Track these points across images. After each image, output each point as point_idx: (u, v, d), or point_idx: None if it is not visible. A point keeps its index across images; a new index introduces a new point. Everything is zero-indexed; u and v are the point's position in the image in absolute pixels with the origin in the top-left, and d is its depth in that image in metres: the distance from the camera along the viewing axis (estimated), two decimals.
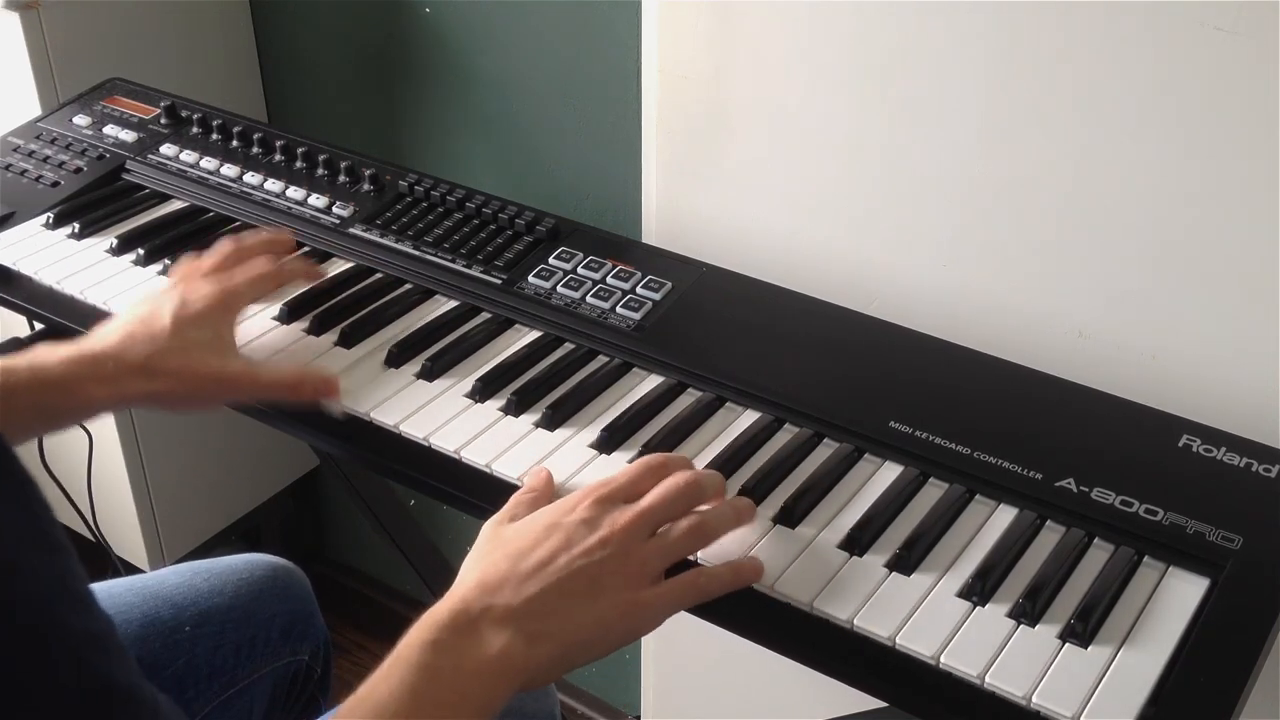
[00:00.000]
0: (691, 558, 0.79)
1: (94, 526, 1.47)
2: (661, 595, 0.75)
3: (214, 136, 1.23)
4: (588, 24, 1.35)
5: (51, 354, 0.87)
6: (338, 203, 1.14)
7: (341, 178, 1.17)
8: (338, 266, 1.09)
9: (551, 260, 1.06)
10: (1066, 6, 0.96)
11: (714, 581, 0.77)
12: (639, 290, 1.02)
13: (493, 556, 0.74)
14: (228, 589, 1.10)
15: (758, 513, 0.83)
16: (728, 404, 0.94)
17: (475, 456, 0.88)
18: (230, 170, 1.18)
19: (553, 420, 0.91)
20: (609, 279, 1.03)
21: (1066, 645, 0.74)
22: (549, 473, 0.84)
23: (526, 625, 0.70)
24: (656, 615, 0.75)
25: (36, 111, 1.36)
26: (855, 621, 0.75)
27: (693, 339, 0.98)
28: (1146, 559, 0.80)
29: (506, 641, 0.69)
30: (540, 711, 1.05)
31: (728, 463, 0.87)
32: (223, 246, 1.00)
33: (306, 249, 1.10)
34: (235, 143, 1.22)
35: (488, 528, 0.78)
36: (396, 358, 0.98)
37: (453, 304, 1.04)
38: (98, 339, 0.90)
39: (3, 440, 0.53)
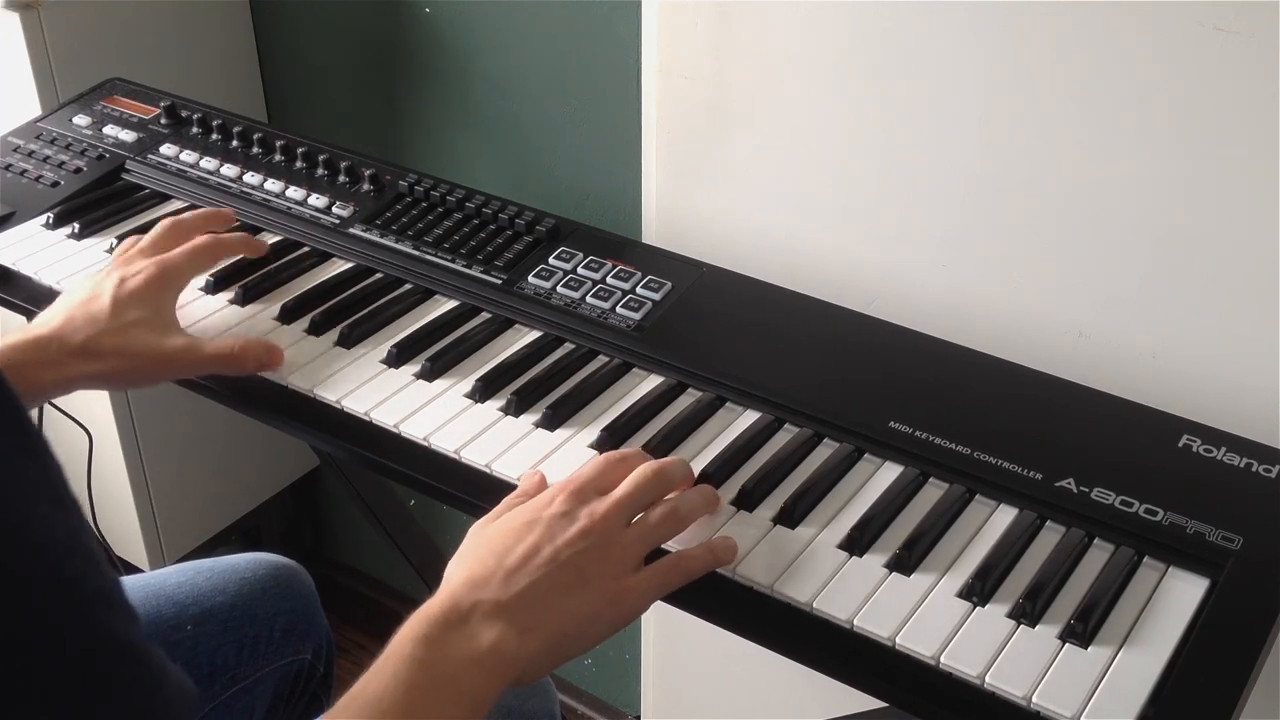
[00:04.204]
0: (664, 547, 0.80)
1: (94, 526, 1.47)
2: (645, 580, 0.76)
3: (214, 136, 1.23)
4: (588, 24, 1.35)
5: None
6: (338, 203, 1.14)
7: (341, 178, 1.17)
8: (338, 266, 1.09)
9: (551, 260, 1.06)
10: (1066, 6, 0.96)
11: (695, 562, 0.78)
12: (639, 290, 1.02)
13: (478, 554, 0.75)
14: (230, 588, 1.10)
15: (758, 513, 0.83)
16: (728, 404, 0.94)
17: (475, 456, 0.88)
18: (230, 170, 1.18)
19: (553, 420, 0.91)
20: (609, 279, 1.03)
21: (1066, 645, 0.74)
22: (542, 476, 0.84)
23: (517, 618, 0.71)
24: (642, 600, 0.76)
25: (36, 111, 1.36)
26: (855, 621, 0.75)
27: (693, 339, 0.98)
28: (1146, 559, 0.80)
29: (498, 635, 0.70)
30: (540, 711, 1.05)
31: (728, 463, 0.87)
32: (162, 224, 1.01)
33: (306, 249, 1.10)
34: (235, 143, 1.22)
35: (473, 529, 0.79)
36: (396, 358, 0.98)
37: (453, 304, 1.04)
38: (40, 323, 0.91)
39: (15, 397, 0.53)
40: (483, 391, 0.94)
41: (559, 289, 1.03)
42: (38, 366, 0.88)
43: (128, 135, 1.24)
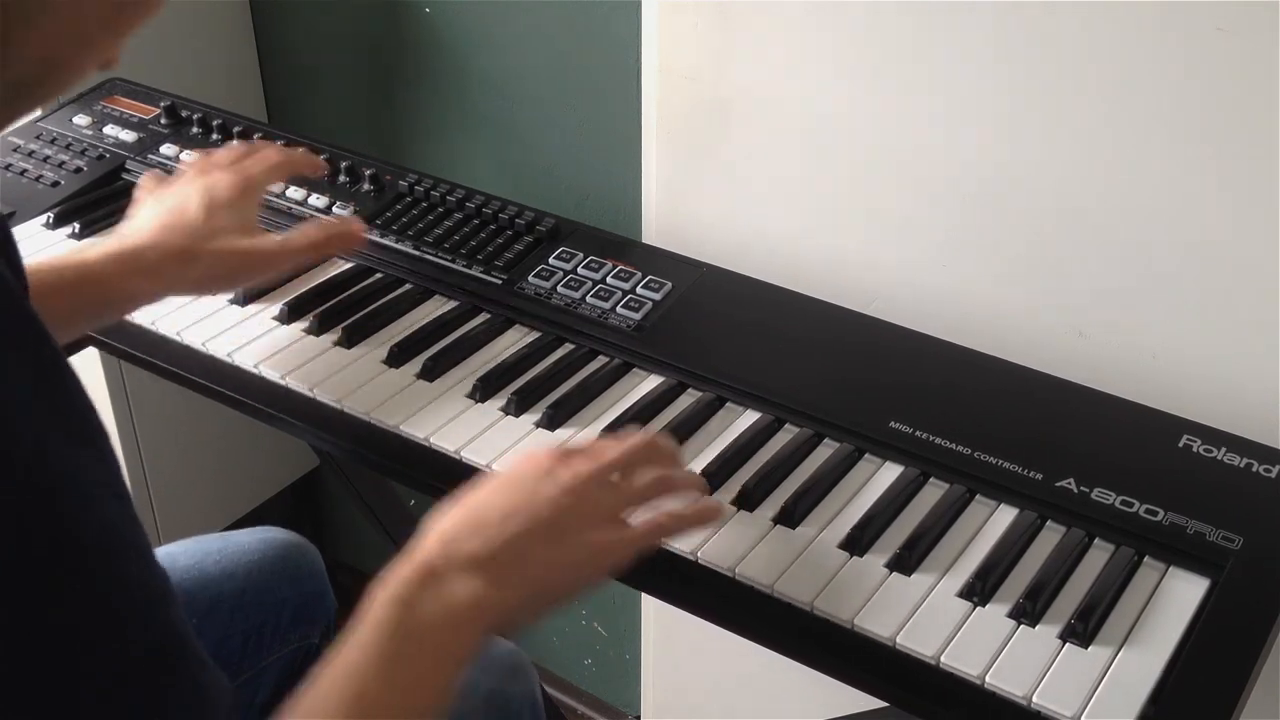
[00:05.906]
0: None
1: None
2: (627, 535, 0.75)
3: (214, 136, 1.23)
4: (588, 24, 1.35)
5: (93, 250, 0.91)
6: (338, 203, 1.14)
7: (341, 178, 1.17)
8: (338, 266, 1.09)
9: (551, 260, 1.06)
10: (1065, 7, 0.96)
11: (680, 521, 0.77)
12: (639, 290, 1.02)
13: (451, 514, 0.74)
14: (239, 572, 1.08)
15: (758, 513, 0.83)
16: (728, 404, 0.94)
17: (475, 456, 0.88)
18: None
19: (553, 420, 0.91)
20: (609, 279, 1.03)
21: (1067, 645, 0.74)
22: None
23: (493, 570, 0.70)
24: (623, 554, 0.75)
25: (36, 111, 1.36)
26: (855, 621, 0.75)
27: (693, 339, 0.98)
28: (1147, 559, 0.80)
29: (474, 587, 0.69)
30: (523, 694, 1.05)
31: (728, 463, 0.87)
32: (232, 145, 1.04)
33: None
34: (235, 143, 1.22)
35: (460, 497, 0.77)
36: (396, 358, 0.98)
37: (453, 304, 1.04)
38: (133, 234, 0.94)
39: (82, 392, 0.53)
40: (483, 391, 0.94)
41: (559, 289, 1.03)
42: (135, 275, 0.91)
43: (128, 135, 1.24)
